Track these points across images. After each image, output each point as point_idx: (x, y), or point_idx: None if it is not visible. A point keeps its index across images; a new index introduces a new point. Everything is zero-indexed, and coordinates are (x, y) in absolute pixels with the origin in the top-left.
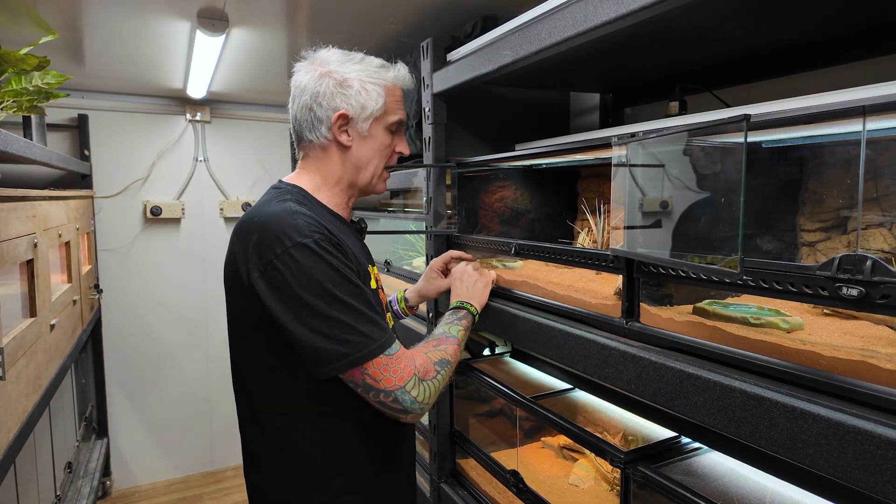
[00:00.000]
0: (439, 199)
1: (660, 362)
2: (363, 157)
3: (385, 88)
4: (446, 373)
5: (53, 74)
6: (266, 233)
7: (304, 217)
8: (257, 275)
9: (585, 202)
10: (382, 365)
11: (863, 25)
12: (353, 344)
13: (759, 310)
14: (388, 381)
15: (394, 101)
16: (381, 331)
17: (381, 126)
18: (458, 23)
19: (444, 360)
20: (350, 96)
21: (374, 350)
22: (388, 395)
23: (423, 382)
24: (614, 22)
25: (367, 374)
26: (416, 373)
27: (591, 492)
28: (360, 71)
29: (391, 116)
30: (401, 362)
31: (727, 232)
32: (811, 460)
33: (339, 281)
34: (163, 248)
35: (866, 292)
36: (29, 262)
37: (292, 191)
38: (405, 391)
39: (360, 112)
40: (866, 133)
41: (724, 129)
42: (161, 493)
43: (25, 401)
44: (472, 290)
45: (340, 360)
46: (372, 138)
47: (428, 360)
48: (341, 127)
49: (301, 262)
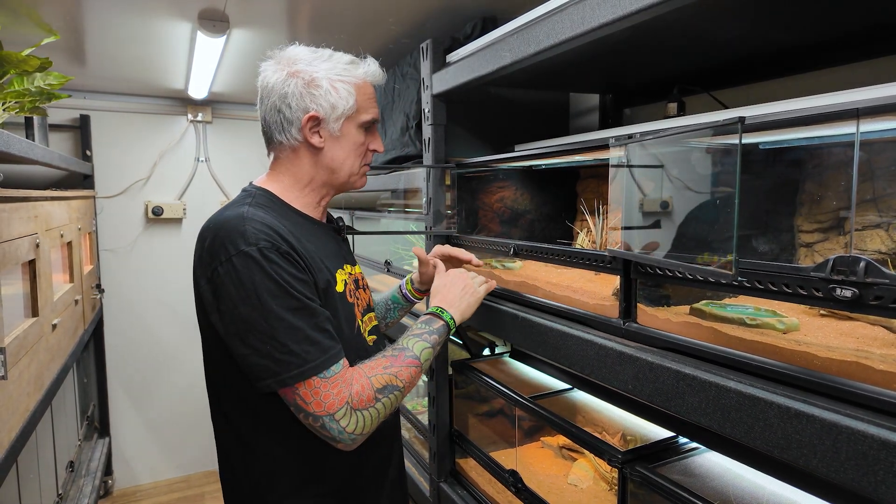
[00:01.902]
0: (439, 200)
1: (656, 363)
2: (336, 158)
3: (355, 86)
4: (391, 400)
5: (55, 75)
6: (215, 239)
7: (253, 223)
8: (204, 281)
9: (585, 203)
10: (314, 388)
11: (858, 28)
12: (284, 363)
13: (755, 311)
14: (317, 406)
15: (365, 98)
16: (319, 351)
17: (353, 125)
18: (458, 24)
19: (390, 386)
20: (319, 96)
21: (305, 371)
22: (317, 419)
23: (357, 412)
24: (612, 24)
25: (298, 394)
26: (348, 401)
27: (589, 491)
28: (329, 69)
29: (363, 115)
30: (335, 387)
31: (724, 233)
32: (805, 460)
33: (279, 293)
34: (164, 248)
35: (860, 293)
36: (31, 262)
37: (256, 194)
38: (333, 419)
39: (331, 112)
40: (860, 135)
41: (720, 131)
42: (162, 493)
43: (27, 400)
44: (459, 293)
45: (271, 378)
46: (344, 138)
47: (369, 387)
48: (312, 129)
49: (241, 271)
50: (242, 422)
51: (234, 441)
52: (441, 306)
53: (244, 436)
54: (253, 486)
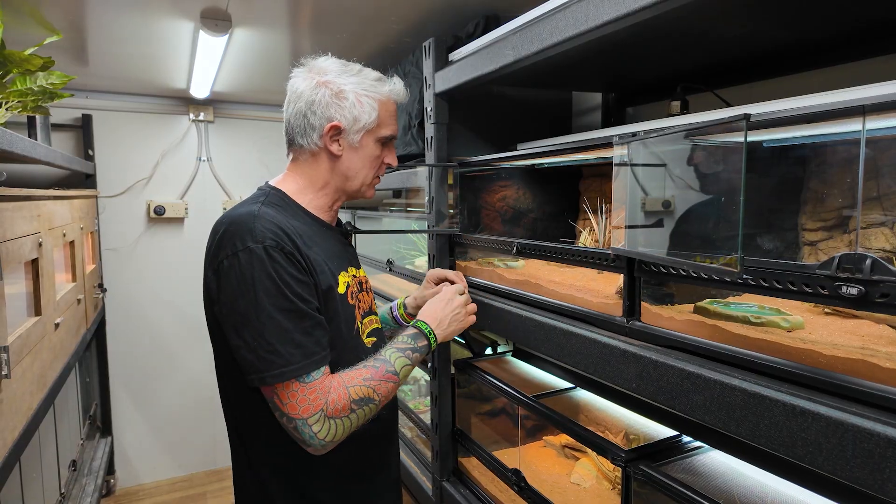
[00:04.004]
0: (441, 199)
1: (661, 361)
2: (352, 168)
3: (379, 102)
4: (365, 412)
5: (58, 75)
6: (226, 234)
7: (263, 222)
8: (211, 272)
9: (587, 201)
10: (291, 390)
11: (863, 25)
12: (267, 362)
13: (759, 309)
14: (292, 408)
15: (387, 114)
16: (302, 355)
17: (372, 138)
18: (460, 23)
19: (366, 398)
20: (344, 108)
21: (284, 373)
22: (291, 421)
23: (331, 420)
24: (615, 22)
25: (276, 394)
26: (323, 408)
27: (592, 491)
28: (357, 83)
29: (383, 130)
30: (312, 393)
31: (728, 231)
32: (811, 459)
33: (274, 293)
34: (166, 247)
35: (866, 291)
36: (34, 261)
37: (270, 193)
38: (306, 423)
39: (353, 124)
40: (866, 132)
41: (725, 129)
42: (164, 492)
43: (30, 399)
44: (448, 318)
45: (254, 374)
46: (362, 150)
47: (345, 397)
48: (333, 137)
49: (244, 265)
50: (243, 415)
51: (237, 434)
52: (429, 325)
53: (245, 429)
54: (256, 481)
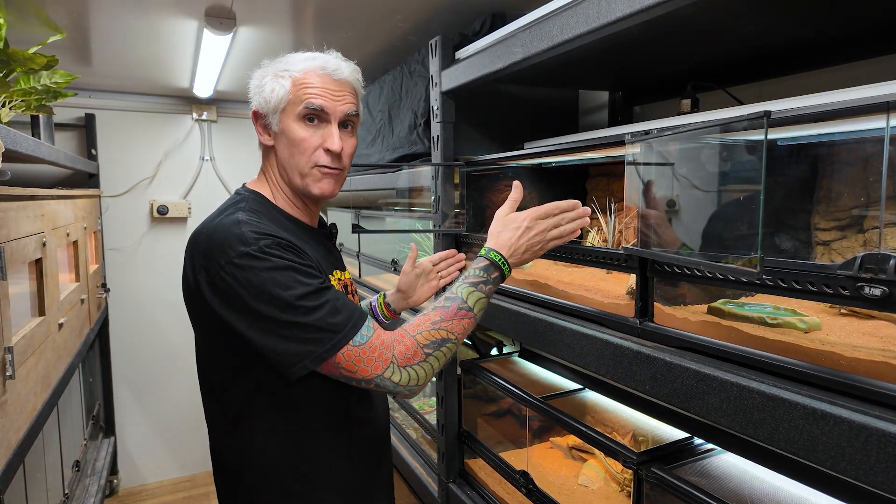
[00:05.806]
0: (447, 198)
1: (675, 363)
2: (282, 156)
3: (293, 78)
4: (443, 352)
5: (61, 74)
6: (211, 245)
7: (248, 226)
8: (206, 287)
9: (595, 201)
10: (354, 356)
11: (878, 22)
12: (314, 341)
13: (775, 309)
14: (364, 371)
15: (302, 89)
16: (344, 319)
17: (290, 119)
18: (466, 21)
19: (439, 341)
20: (263, 92)
21: (336, 343)
22: (369, 382)
23: (406, 368)
24: (628, 18)
25: (341, 367)
26: (393, 361)
27: (600, 492)
28: (278, 64)
29: (297, 106)
30: (374, 351)
31: (744, 231)
32: (832, 463)
33: (289, 283)
34: (169, 247)
35: (889, 292)
36: (37, 261)
37: (248, 198)
38: (384, 378)
39: (265, 106)
40: (890, 130)
41: (743, 126)
42: (168, 492)
43: (34, 399)
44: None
45: (307, 358)
46: (283, 134)
47: (414, 345)
48: (260, 125)
49: (246, 271)
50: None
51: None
52: (502, 254)
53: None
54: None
